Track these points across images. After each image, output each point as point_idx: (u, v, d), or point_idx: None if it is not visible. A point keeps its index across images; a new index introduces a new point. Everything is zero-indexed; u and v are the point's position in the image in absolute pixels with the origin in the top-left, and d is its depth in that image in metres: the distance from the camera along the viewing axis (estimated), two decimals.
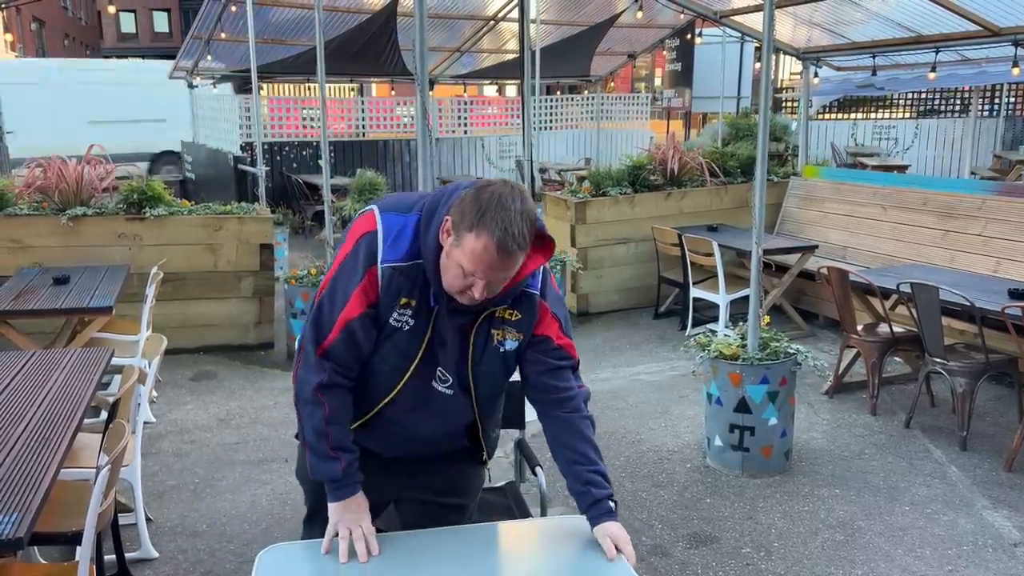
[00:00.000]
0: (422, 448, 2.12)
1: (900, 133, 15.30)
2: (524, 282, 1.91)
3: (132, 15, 41.51)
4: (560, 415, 2.03)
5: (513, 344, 1.97)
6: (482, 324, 1.94)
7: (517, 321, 1.95)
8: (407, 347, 1.92)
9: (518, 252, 1.73)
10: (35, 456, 2.41)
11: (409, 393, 2.00)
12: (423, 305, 1.89)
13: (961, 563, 3.29)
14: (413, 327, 1.90)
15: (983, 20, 6.15)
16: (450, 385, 1.99)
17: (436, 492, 2.18)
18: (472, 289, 1.78)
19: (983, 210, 5.93)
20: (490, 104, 16.43)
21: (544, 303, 1.98)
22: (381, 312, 1.89)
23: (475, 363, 1.97)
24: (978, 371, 4.30)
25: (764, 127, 4.00)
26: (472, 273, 1.75)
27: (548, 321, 2.00)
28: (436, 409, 2.02)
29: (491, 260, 1.71)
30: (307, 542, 2.02)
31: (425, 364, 1.96)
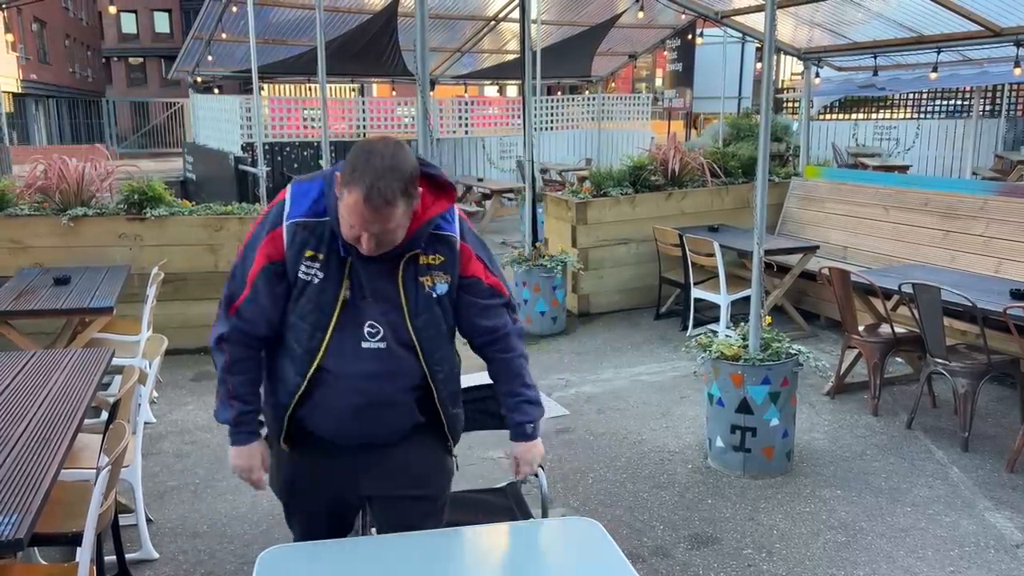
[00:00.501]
0: (375, 423, 2.07)
1: (901, 133, 15.29)
2: (433, 224, 2.00)
3: (133, 15, 41.56)
4: (498, 356, 2.18)
5: (444, 287, 2.05)
6: (408, 273, 2.01)
7: (441, 264, 2.04)
8: (321, 301, 1.99)
9: (386, 206, 1.83)
10: (35, 457, 2.41)
11: (337, 350, 2.00)
12: (332, 258, 1.97)
13: (963, 564, 3.28)
14: (323, 280, 1.98)
15: (985, 20, 6.15)
16: (381, 337, 2.00)
17: (403, 485, 2.16)
18: (360, 240, 1.89)
19: (984, 210, 5.92)
20: (491, 104, 16.43)
21: (465, 244, 2.08)
22: (289, 268, 1.99)
23: (412, 314, 2.02)
24: (980, 372, 4.29)
25: (766, 127, 3.99)
26: (352, 226, 1.87)
27: (473, 262, 2.09)
28: (374, 369, 2.01)
29: (363, 213, 1.83)
30: (308, 543, 2.02)
31: (348, 318, 1.99)
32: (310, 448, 2.14)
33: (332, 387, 2.03)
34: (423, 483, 2.21)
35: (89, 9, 38.70)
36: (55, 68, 31.55)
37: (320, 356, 2.01)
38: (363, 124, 13.90)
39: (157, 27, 42.25)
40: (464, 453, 4.22)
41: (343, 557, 1.93)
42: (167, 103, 24.47)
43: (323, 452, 2.12)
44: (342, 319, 1.99)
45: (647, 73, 25.84)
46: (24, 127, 27.09)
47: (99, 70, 40.51)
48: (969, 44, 6.69)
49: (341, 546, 2.03)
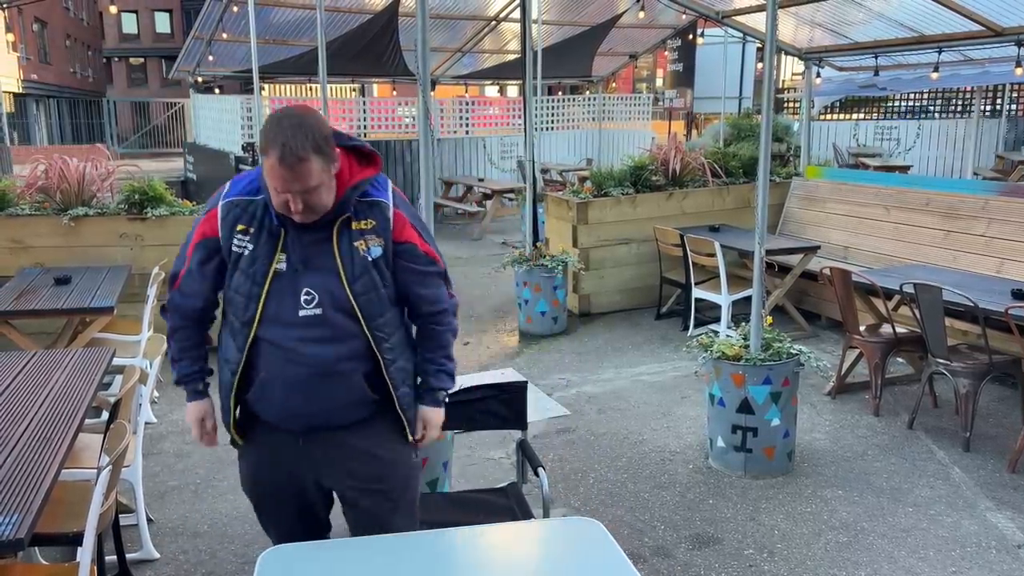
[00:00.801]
0: (320, 399, 2.09)
1: (902, 134, 15.29)
2: (361, 189, 2.09)
3: (134, 16, 41.57)
4: (431, 327, 2.27)
5: (378, 250, 2.10)
6: (342, 239, 2.07)
7: (373, 228, 2.11)
8: (252, 272, 2.08)
9: (300, 163, 1.91)
10: (36, 456, 2.40)
11: (274, 319, 2.06)
12: (263, 231, 2.07)
13: (964, 565, 3.28)
14: (253, 251, 2.07)
15: (986, 20, 6.14)
16: (316, 304, 2.05)
17: (362, 479, 2.19)
18: (288, 204, 1.97)
19: (986, 211, 5.91)
20: (491, 104, 16.43)
21: (399, 211, 2.14)
22: (223, 244, 2.11)
23: (350, 279, 2.07)
24: (981, 372, 4.29)
25: (767, 127, 3.99)
26: (276, 190, 1.97)
27: (407, 228, 2.15)
28: (311, 335, 2.06)
29: (282, 173, 1.93)
30: (309, 543, 2.02)
31: (284, 288, 2.06)
32: (264, 439, 2.20)
33: (272, 359, 2.09)
34: (383, 477, 2.22)
35: (90, 9, 38.72)
36: (56, 68, 31.57)
37: (255, 326, 2.08)
38: (364, 124, 13.90)
39: (158, 27, 42.26)
40: (465, 453, 4.23)
41: (343, 557, 1.93)
42: (168, 103, 24.48)
43: (277, 442, 2.18)
44: (277, 289, 2.06)
45: (648, 73, 25.85)
46: (25, 127, 27.10)
47: (100, 70, 40.53)
48: (970, 44, 6.69)
49: (341, 546, 2.03)
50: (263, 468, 2.25)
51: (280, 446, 2.18)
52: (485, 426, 2.93)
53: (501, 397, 2.87)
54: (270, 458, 2.22)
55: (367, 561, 1.89)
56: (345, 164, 2.07)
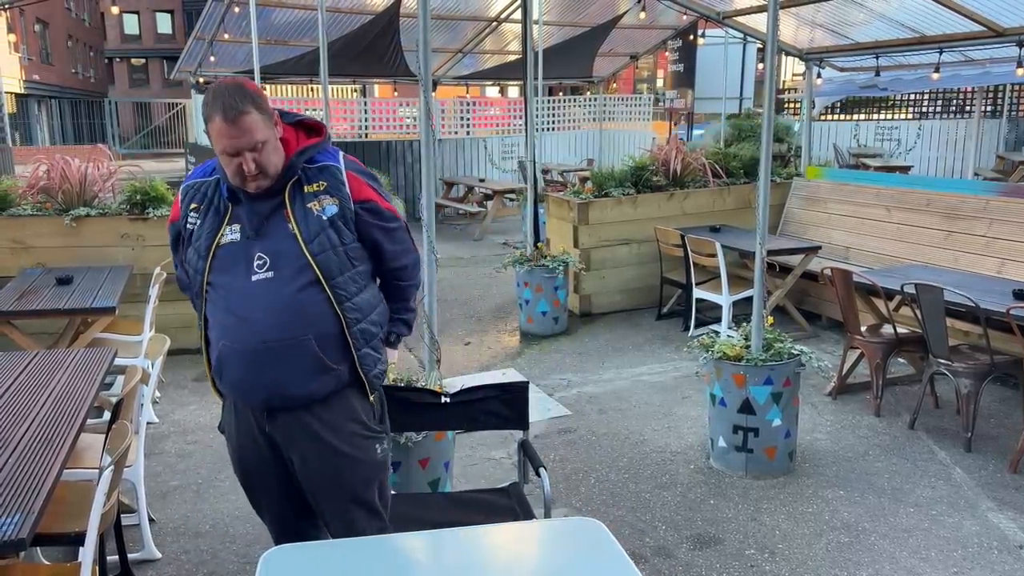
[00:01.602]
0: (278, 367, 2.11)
1: (903, 134, 15.28)
2: (308, 154, 2.17)
3: (135, 16, 41.59)
4: (396, 283, 2.36)
5: (333, 208, 2.16)
6: (295, 203, 2.14)
7: (325, 189, 2.17)
8: (198, 245, 2.18)
9: (242, 116, 2.01)
10: (38, 457, 2.41)
11: (226, 289, 2.12)
12: (210, 208, 2.18)
13: (966, 565, 3.28)
14: (200, 226, 2.18)
15: (987, 20, 6.14)
16: (268, 267, 2.11)
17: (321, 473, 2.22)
18: (243, 166, 2.05)
19: (987, 211, 5.91)
20: (492, 105, 16.43)
21: (351, 173, 2.21)
22: (181, 224, 2.25)
23: (306, 239, 2.12)
24: (983, 372, 4.28)
25: (768, 128, 3.99)
26: (225, 151, 2.05)
27: (365, 188, 2.22)
28: (264, 299, 2.10)
29: (226, 131, 2.02)
30: (311, 544, 2.02)
31: (235, 256, 2.12)
32: (234, 419, 2.29)
33: (226, 329, 2.14)
34: (341, 475, 2.23)
35: (91, 10, 38.76)
36: (58, 69, 31.60)
37: (204, 297, 2.16)
38: (365, 124, 13.90)
39: (159, 28, 42.30)
40: (467, 454, 4.24)
41: (345, 557, 1.93)
42: (169, 103, 24.51)
43: (245, 422, 2.24)
44: (228, 259, 2.13)
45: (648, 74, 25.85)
46: (27, 128, 27.13)
47: (101, 71, 40.56)
48: (971, 44, 6.69)
49: (343, 546, 2.03)
50: (239, 449, 2.31)
51: (248, 426, 2.25)
52: (486, 426, 2.93)
53: (503, 397, 2.87)
54: (241, 439, 2.28)
55: (369, 562, 1.90)
56: (292, 136, 2.17)
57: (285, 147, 2.15)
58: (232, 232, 2.14)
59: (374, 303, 2.28)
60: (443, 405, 2.85)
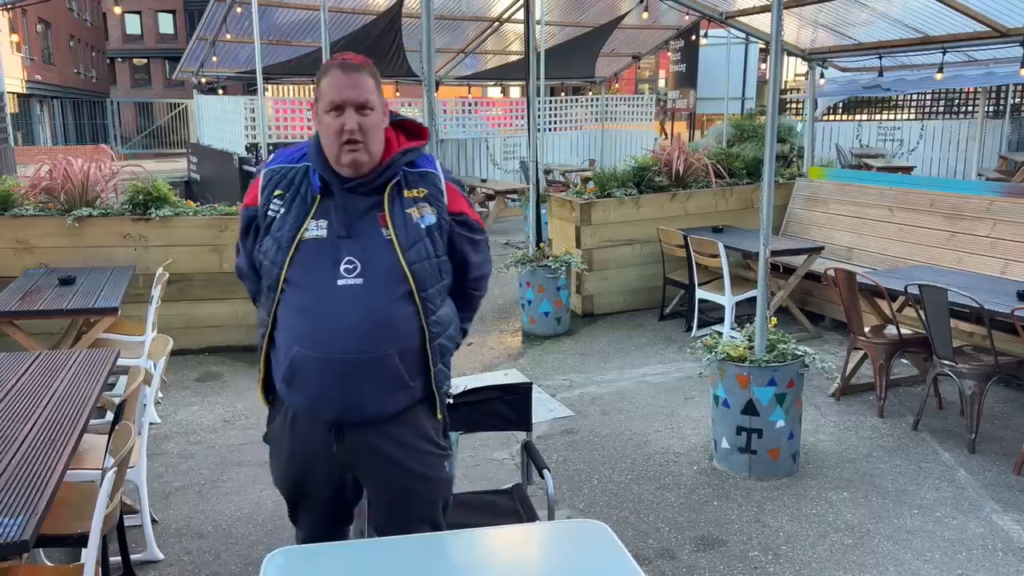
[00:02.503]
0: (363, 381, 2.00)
1: (905, 134, 15.26)
2: (409, 156, 2.09)
3: (137, 16, 41.63)
4: (471, 292, 2.29)
5: (432, 218, 2.08)
6: (394, 206, 2.04)
7: (425, 196, 2.09)
8: (280, 236, 2.02)
9: (357, 71, 1.98)
10: (41, 458, 2.40)
11: (307, 289, 1.98)
12: (296, 196, 2.04)
13: (971, 567, 3.27)
14: (284, 214, 2.03)
15: (991, 21, 6.13)
16: (358, 273, 1.97)
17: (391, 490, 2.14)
18: (345, 124, 1.95)
19: (990, 212, 5.90)
20: (494, 105, 16.42)
21: (449, 183, 2.16)
22: (260, 210, 2.09)
23: (403, 246, 2.01)
24: (987, 373, 4.27)
25: (772, 128, 3.98)
26: (333, 104, 1.96)
27: (459, 199, 2.17)
28: (350, 307, 1.96)
29: (340, 80, 1.97)
30: (314, 546, 2.01)
31: (320, 255, 1.99)
32: (295, 430, 2.11)
33: (306, 333, 1.99)
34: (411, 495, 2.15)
35: (94, 10, 38.80)
36: (60, 69, 31.63)
37: (279, 293, 2.02)
38: None
39: (161, 28, 42.31)
40: (469, 455, 4.23)
41: (349, 559, 1.93)
42: (171, 104, 24.51)
43: (309, 436, 2.09)
44: (313, 256, 1.99)
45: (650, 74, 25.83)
46: (29, 128, 27.16)
47: (103, 71, 40.60)
48: (975, 45, 6.67)
49: (346, 548, 2.02)
50: (294, 464, 2.15)
51: (309, 439, 2.09)
52: (489, 427, 2.92)
53: (506, 399, 2.86)
54: (299, 453, 2.13)
55: (373, 564, 1.89)
56: (393, 136, 2.08)
57: (386, 145, 2.05)
58: (318, 227, 2.00)
59: (452, 317, 2.19)
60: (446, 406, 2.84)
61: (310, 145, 2.08)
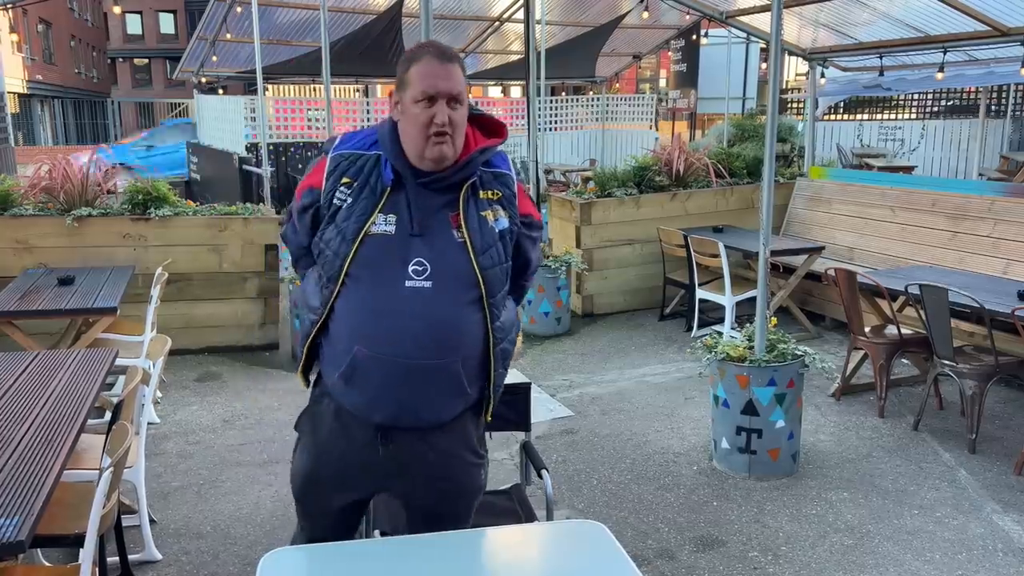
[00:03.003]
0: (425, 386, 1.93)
1: (906, 134, 15.24)
2: (487, 155, 2.01)
3: (138, 16, 41.64)
4: (522, 284, 2.22)
5: (504, 223, 2.01)
6: (469, 206, 1.95)
7: (499, 200, 2.02)
8: (344, 227, 1.92)
9: (451, 60, 1.92)
10: (38, 458, 2.40)
11: (373, 286, 1.89)
12: (365, 186, 1.94)
13: (971, 568, 3.26)
14: (351, 205, 1.93)
15: (991, 20, 6.12)
16: (427, 276, 1.88)
17: (431, 500, 2.09)
18: (435, 117, 1.87)
19: (992, 211, 5.89)
20: (495, 105, 16.41)
21: (519, 184, 2.10)
22: (325, 196, 1.96)
23: (477, 250, 1.93)
24: (987, 373, 4.26)
25: (772, 128, 3.97)
26: (426, 94, 1.87)
27: (526, 201, 2.12)
28: (418, 311, 1.88)
29: (436, 69, 1.89)
30: (311, 546, 2.00)
31: (388, 253, 1.89)
32: (338, 428, 2.02)
33: (370, 336, 1.90)
34: (451, 503, 2.11)
35: (95, 10, 38.82)
36: (61, 69, 31.65)
37: (339, 287, 1.91)
38: (367, 125, 13.89)
39: (162, 28, 42.33)
40: None
41: (345, 560, 1.92)
42: (172, 103, 24.53)
43: (352, 437, 2.01)
44: (380, 253, 1.89)
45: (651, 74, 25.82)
46: (30, 128, 27.19)
47: (104, 71, 40.62)
48: (976, 44, 6.66)
49: (343, 549, 2.01)
50: (330, 462, 2.05)
51: (353, 440, 2.00)
52: (488, 428, 2.91)
53: (504, 399, 2.83)
54: (338, 451, 2.03)
55: (369, 564, 1.88)
56: (470, 132, 2.00)
57: (464, 141, 1.97)
58: (386, 222, 1.89)
59: (513, 320, 2.13)
60: None
61: (382, 132, 1.97)
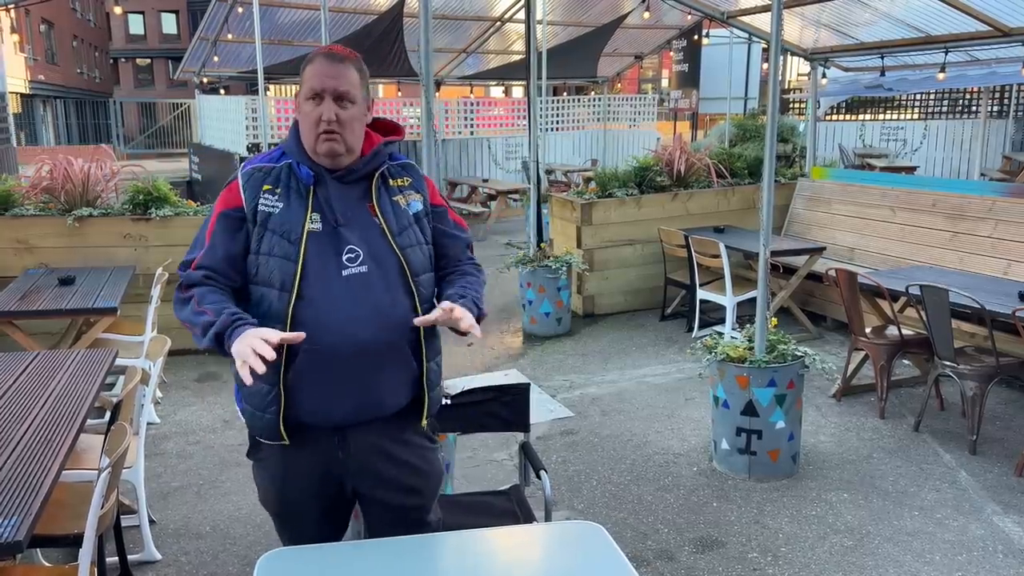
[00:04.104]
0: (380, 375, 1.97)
1: (908, 134, 15.22)
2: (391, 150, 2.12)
3: (140, 16, 41.69)
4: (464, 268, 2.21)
5: (418, 205, 2.11)
6: (381, 195, 2.06)
7: (410, 184, 2.13)
8: (285, 230, 1.97)
9: (342, 62, 1.99)
10: (37, 458, 2.40)
11: (317, 281, 1.94)
12: (290, 191, 2.01)
13: (971, 569, 3.25)
14: (284, 209, 1.99)
15: (993, 20, 6.11)
16: (361, 261, 1.97)
17: (397, 490, 2.10)
18: (323, 114, 1.95)
19: (993, 212, 5.87)
20: (496, 105, 16.41)
21: (428, 178, 2.19)
22: (248, 207, 2.00)
23: (394, 232, 2.02)
24: (988, 374, 4.25)
25: (772, 128, 3.96)
26: (314, 91, 1.96)
27: (438, 196, 2.20)
28: (359, 296, 1.94)
29: (322, 68, 1.97)
30: (308, 547, 2.00)
31: (322, 248, 1.96)
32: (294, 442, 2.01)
33: (319, 328, 1.91)
34: (417, 490, 2.13)
35: (97, 10, 38.86)
36: (63, 69, 31.69)
37: (296, 288, 1.93)
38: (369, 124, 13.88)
39: (164, 28, 42.38)
40: (468, 456, 4.22)
41: (342, 560, 1.92)
42: (174, 104, 24.54)
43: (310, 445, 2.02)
44: (314, 249, 1.95)
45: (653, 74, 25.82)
46: (32, 128, 27.21)
47: (107, 71, 40.67)
48: (977, 44, 6.65)
49: (341, 549, 2.01)
50: (293, 479, 2.06)
51: (312, 450, 2.02)
52: (488, 428, 2.92)
53: (503, 399, 2.85)
54: (301, 467, 2.04)
55: (366, 565, 1.88)
56: (371, 133, 2.11)
57: (367, 137, 2.08)
58: (313, 221, 1.96)
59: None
60: (444, 407, 2.83)
61: (287, 143, 2.07)
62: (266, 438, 2.04)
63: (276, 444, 2.03)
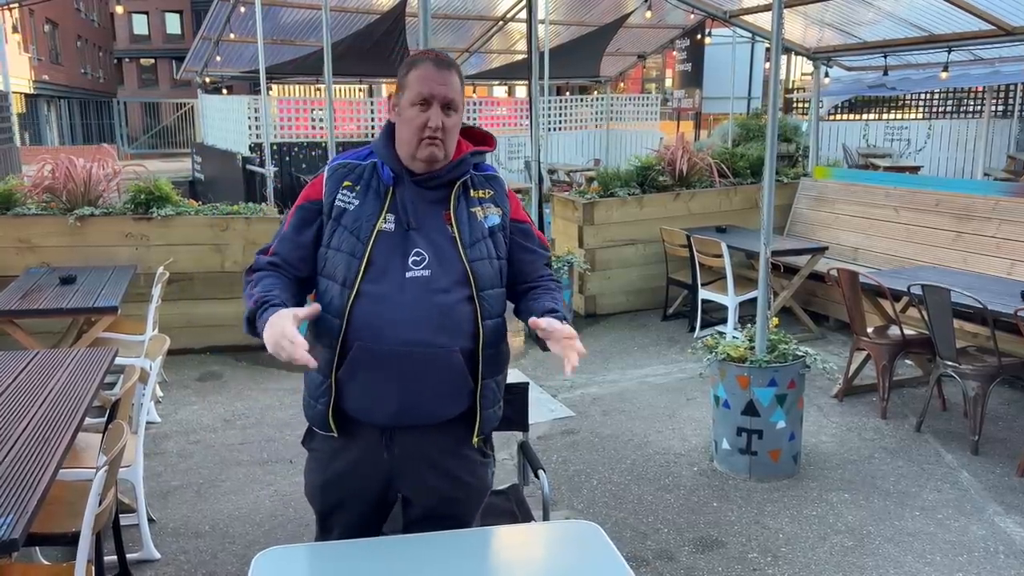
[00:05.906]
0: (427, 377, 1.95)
1: (912, 134, 15.18)
2: (477, 159, 2.11)
3: (144, 16, 41.77)
4: (546, 282, 2.21)
5: (495, 219, 2.08)
6: (460, 203, 2.04)
7: (491, 198, 2.11)
8: (357, 227, 1.99)
9: (448, 68, 1.99)
10: (34, 456, 2.40)
11: (378, 279, 1.94)
12: (369, 190, 2.02)
13: (972, 570, 3.24)
14: (359, 207, 2.00)
15: (997, 19, 6.08)
16: (426, 265, 1.96)
17: (439, 501, 2.08)
18: (429, 121, 1.95)
19: (997, 211, 5.85)
20: (499, 105, 16.41)
21: (512, 193, 2.17)
22: (327, 202, 2.03)
23: (465, 243, 2.00)
24: (990, 374, 4.24)
25: (773, 127, 3.95)
26: (422, 97, 1.95)
27: (522, 210, 2.18)
28: (418, 298, 1.93)
29: (433, 75, 1.97)
30: (304, 545, 2.00)
31: (390, 248, 1.96)
32: (345, 436, 2.03)
33: (369, 329, 1.93)
34: (459, 503, 2.11)
35: (101, 10, 38.94)
36: (67, 69, 31.76)
37: (358, 284, 1.94)
38: (372, 125, 13.89)
39: (168, 28, 42.46)
40: None
41: (339, 559, 1.91)
42: (177, 104, 24.58)
43: (360, 440, 2.02)
44: (384, 249, 1.96)
45: (656, 73, 25.79)
46: (36, 128, 27.27)
47: (110, 71, 40.75)
48: (981, 43, 6.63)
49: (337, 547, 2.01)
50: (339, 472, 2.07)
51: (360, 446, 2.03)
52: None
53: (503, 398, 2.84)
54: (347, 460, 2.05)
55: (363, 563, 1.88)
56: (462, 141, 2.10)
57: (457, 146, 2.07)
58: (387, 221, 1.98)
59: (504, 333, 2.11)
60: None
61: (377, 142, 2.09)
62: (317, 427, 2.09)
63: (327, 435, 2.06)
